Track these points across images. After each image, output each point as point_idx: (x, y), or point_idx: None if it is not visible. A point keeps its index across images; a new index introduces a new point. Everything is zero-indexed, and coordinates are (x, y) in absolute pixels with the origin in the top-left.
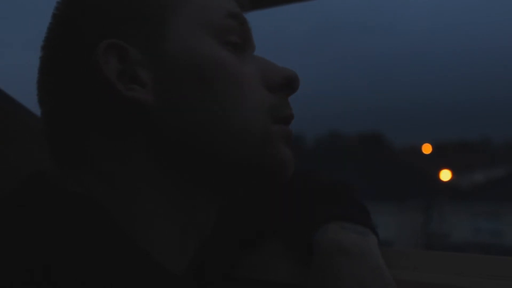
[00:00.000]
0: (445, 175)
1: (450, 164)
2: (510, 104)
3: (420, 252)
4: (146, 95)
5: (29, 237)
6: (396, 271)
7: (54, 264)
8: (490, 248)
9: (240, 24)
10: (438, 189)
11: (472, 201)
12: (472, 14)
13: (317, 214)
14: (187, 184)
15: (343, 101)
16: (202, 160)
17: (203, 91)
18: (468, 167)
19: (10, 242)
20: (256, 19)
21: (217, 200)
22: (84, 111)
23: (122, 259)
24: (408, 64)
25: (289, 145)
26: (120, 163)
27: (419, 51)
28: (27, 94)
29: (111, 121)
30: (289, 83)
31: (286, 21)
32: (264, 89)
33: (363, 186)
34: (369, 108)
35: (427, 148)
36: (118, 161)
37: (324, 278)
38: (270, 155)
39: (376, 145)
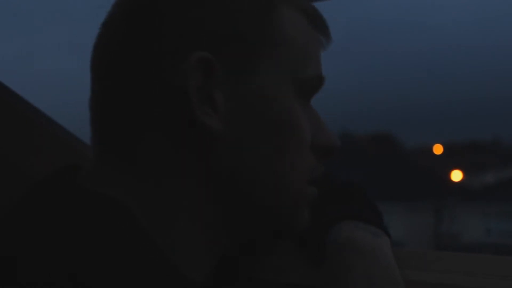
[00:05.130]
0: (456, 175)
1: (461, 164)
2: None
3: (431, 253)
4: (216, 122)
5: (53, 241)
6: (407, 271)
7: (70, 270)
8: (501, 248)
9: (320, 86)
10: (449, 190)
11: (483, 202)
12: (481, 13)
13: (331, 214)
14: (221, 216)
15: (355, 101)
16: (240, 199)
17: (270, 139)
18: (479, 168)
19: (31, 246)
20: None
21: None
22: (147, 110)
23: (145, 266)
24: (418, 64)
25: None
26: (168, 173)
27: (427, 51)
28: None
29: (172, 130)
30: (330, 152)
31: None
32: (310, 150)
33: (374, 186)
34: (381, 108)
35: (438, 149)
36: (166, 170)
37: (336, 276)
38: (297, 217)
39: (387, 146)
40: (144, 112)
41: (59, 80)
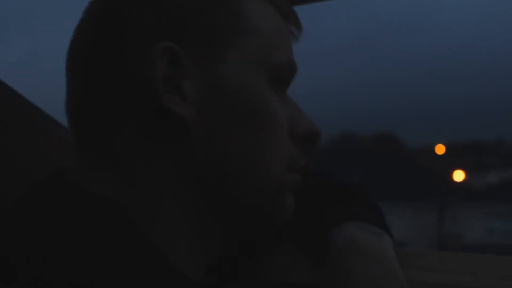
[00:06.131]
0: (459, 175)
1: (464, 164)
2: None
3: (433, 253)
4: (186, 110)
5: (53, 242)
6: (409, 271)
7: (75, 271)
8: (503, 248)
9: (292, 73)
10: (451, 190)
11: (486, 202)
12: (482, 13)
13: (332, 213)
14: (204, 207)
15: (357, 101)
16: (219, 189)
17: (242, 126)
18: (481, 168)
19: (32, 249)
20: None
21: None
22: (119, 105)
23: (146, 266)
24: (420, 64)
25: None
26: (146, 167)
27: (428, 51)
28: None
29: (145, 122)
30: (311, 139)
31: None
32: (289, 137)
33: (376, 186)
34: (383, 109)
35: (440, 149)
36: (146, 164)
37: (338, 276)
38: (279, 204)
39: (390, 146)
40: (117, 107)
41: (61, 80)
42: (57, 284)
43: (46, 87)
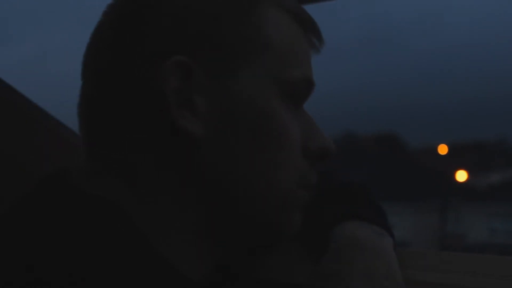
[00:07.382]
0: (461, 175)
1: (466, 164)
2: None
3: (436, 253)
4: (196, 126)
5: (52, 242)
6: (411, 271)
7: (74, 272)
8: (506, 248)
9: (308, 90)
10: (454, 190)
11: (488, 202)
12: (483, 13)
13: (335, 213)
14: (211, 220)
15: (359, 101)
16: (223, 203)
17: (253, 142)
18: (484, 168)
19: (30, 248)
20: None
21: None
22: (131, 115)
23: (145, 266)
24: (423, 63)
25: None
26: (152, 175)
27: (431, 51)
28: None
29: (155, 134)
30: (324, 155)
31: None
32: (301, 153)
33: (379, 186)
34: (385, 109)
35: (443, 149)
36: (151, 172)
37: (337, 272)
38: (285, 221)
39: (392, 146)
40: (128, 115)
41: (64, 81)
42: (57, 284)
43: (49, 88)
